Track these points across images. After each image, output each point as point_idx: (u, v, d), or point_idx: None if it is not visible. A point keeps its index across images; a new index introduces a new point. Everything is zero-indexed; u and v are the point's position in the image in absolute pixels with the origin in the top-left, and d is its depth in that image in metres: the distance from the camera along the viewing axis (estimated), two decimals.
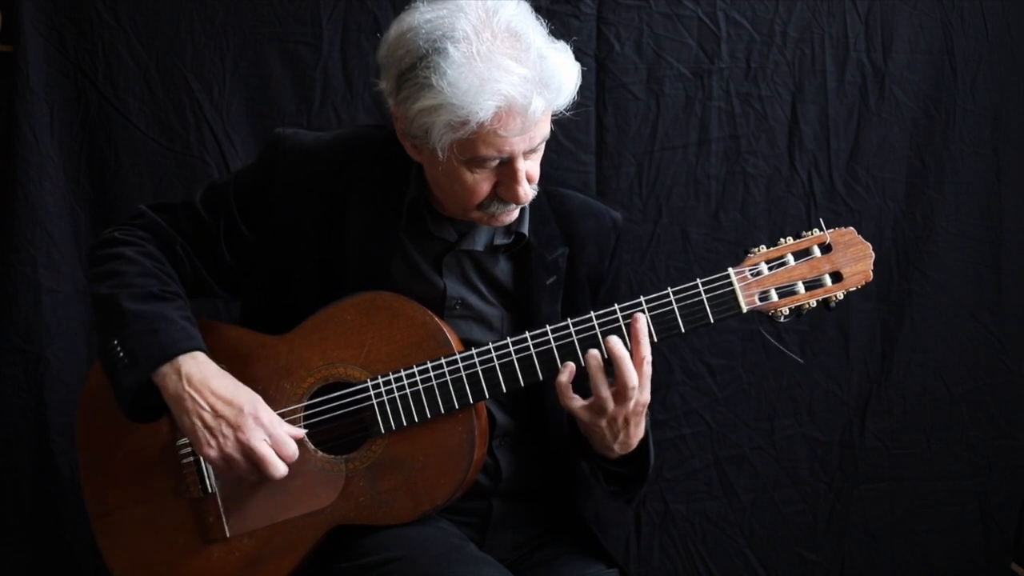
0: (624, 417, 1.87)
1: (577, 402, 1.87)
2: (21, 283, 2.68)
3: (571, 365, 1.87)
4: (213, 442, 1.84)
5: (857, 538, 3.01)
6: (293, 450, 1.87)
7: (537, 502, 2.13)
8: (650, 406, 1.93)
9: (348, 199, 1.98)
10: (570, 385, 1.87)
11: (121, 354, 1.86)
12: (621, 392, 1.84)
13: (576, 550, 2.09)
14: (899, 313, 2.93)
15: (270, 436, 1.86)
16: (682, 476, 2.95)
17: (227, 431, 1.84)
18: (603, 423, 1.87)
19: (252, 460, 1.85)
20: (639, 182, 2.85)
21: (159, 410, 1.91)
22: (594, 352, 1.85)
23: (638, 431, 1.93)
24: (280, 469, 1.86)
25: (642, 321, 1.85)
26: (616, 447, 1.92)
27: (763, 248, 1.91)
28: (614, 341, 1.85)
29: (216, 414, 1.84)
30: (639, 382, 1.84)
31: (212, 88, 2.72)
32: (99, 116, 2.70)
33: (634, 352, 1.84)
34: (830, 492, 2.99)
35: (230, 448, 1.85)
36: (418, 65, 1.78)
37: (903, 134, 2.89)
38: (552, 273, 2.05)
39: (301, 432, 1.92)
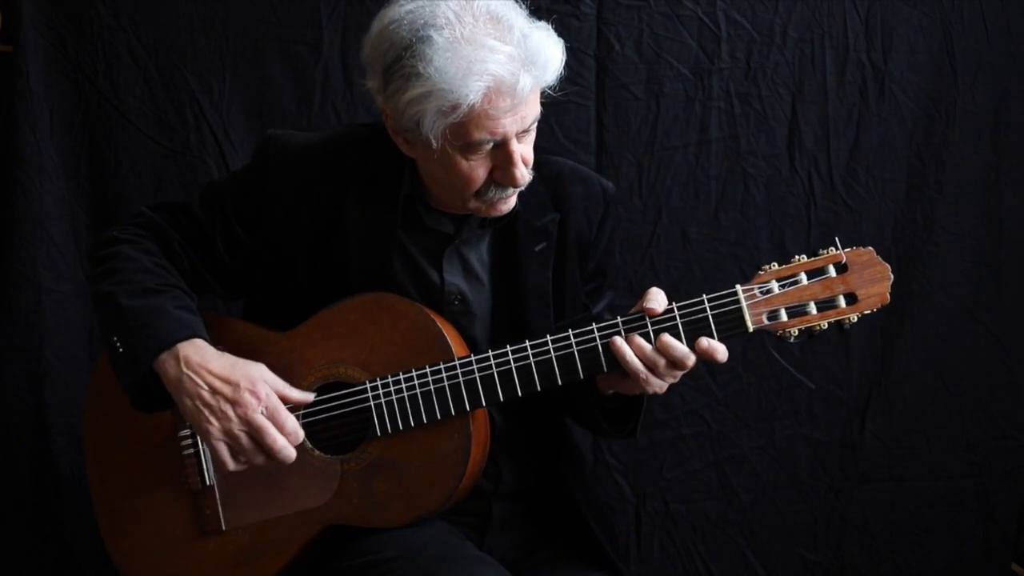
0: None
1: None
2: (21, 283, 2.68)
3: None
4: (213, 420, 1.84)
5: (857, 538, 3.01)
6: (291, 424, 1.86)
7: (537, 504, 2.13)
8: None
9: (343, 198, 1.98)
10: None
11: (121, 350, 1.87)
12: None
13: (575, 552, 2.09)
14: (899, 313, 2.93)
15: (266, 408, 1.85)
16: (682, 476, 2.95)
17: (226, 407, 1.83)
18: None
19: (252, 435, 1.85)
20: (639, 182, 2.85)
21: (167, 399, 1.91)
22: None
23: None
24: (279, 440, 1.84)
25: (620, 346, 1.85)
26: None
27: (775, 265, 1.85)
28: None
29: (214, 391, 1.84)
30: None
31: (212, 88, 2.71)
32: (99, 116, 2.70)
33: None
34: (830, 492, 2.99)
35: (230, 425, 1.84)
36: (403, 56, 1.79)
37: (903, 134, 2.89)
38: (541, 239, 2.04)
39: (310, 396, 1.91)
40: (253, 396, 1.84)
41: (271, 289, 2.04)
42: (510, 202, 1.95)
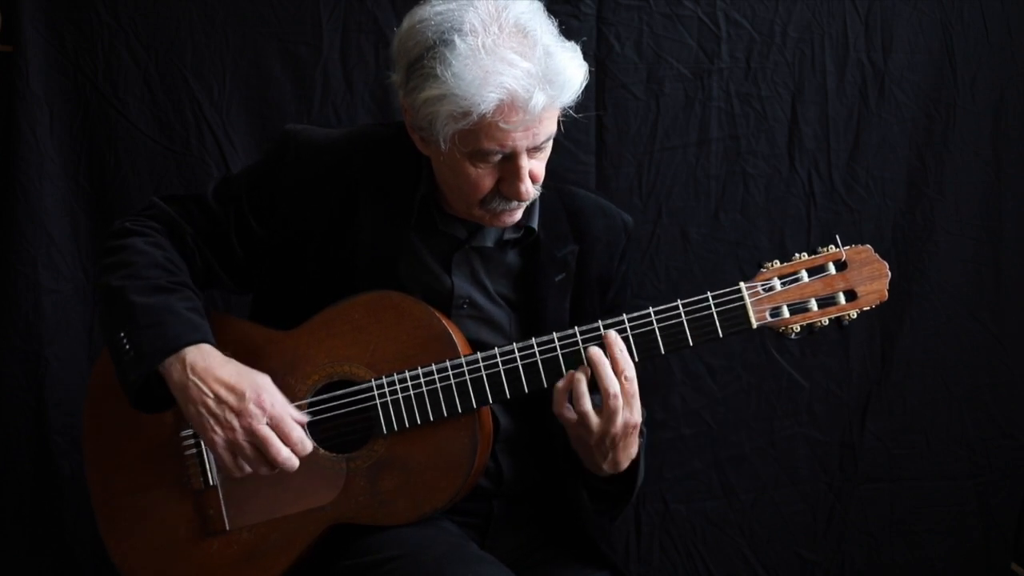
0: (612, 438, 1.85)
1: (568, 412, 1.86)
2: (21, 283, 2.67)
3: (573, 374, 1.86)
4: (218, 429, 1.83)
5: (857, 538, 3.01)
6: (297, 434, 1.86)
7: (538, 504, 2.13)
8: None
9: (358, 196, 1.99)
10: (567, 393, 1.86)
11: (127, 347, 1.86)
12: (604, 402, 1.83)
13: (575, 551, 2.09)
14: (899, 313, 2.93)
15: (271, 419, 1.84)
16: (682, 476, 2.95)
17: (230, 417, 1.83)
18: (591, 441, 1.86)
19: (256, 445, 1.84)
20: (639, 182, 2.85)
21: (167, 401, 1.90)
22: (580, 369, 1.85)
23: (628, 453, 1.91)
24: (283, 452, 1.84)
25: (614, 335, 1.85)
26: (605, 467, 1.91)
27: (776, 263, 1.88)
28: (593, 350, 1.84)
29: (219, 400, 1.83)
30: (623, 397, 1.83)
31: (212, 88, 2.71)
32: (99, 116, 2.69)
33: (613, 363, 1.84)
34: (830, 492, 2.99)
35: (235, 435, 1.83)
36: (425, 56, 1.80)
37: (903, 134, 2.89)
38: (561, 270, 2.05)
39: (304, 417, 1.91)
40: (258, 406, 1.84)
41: (280, 284, 2.04)
42: (515, 215, 1.95)
